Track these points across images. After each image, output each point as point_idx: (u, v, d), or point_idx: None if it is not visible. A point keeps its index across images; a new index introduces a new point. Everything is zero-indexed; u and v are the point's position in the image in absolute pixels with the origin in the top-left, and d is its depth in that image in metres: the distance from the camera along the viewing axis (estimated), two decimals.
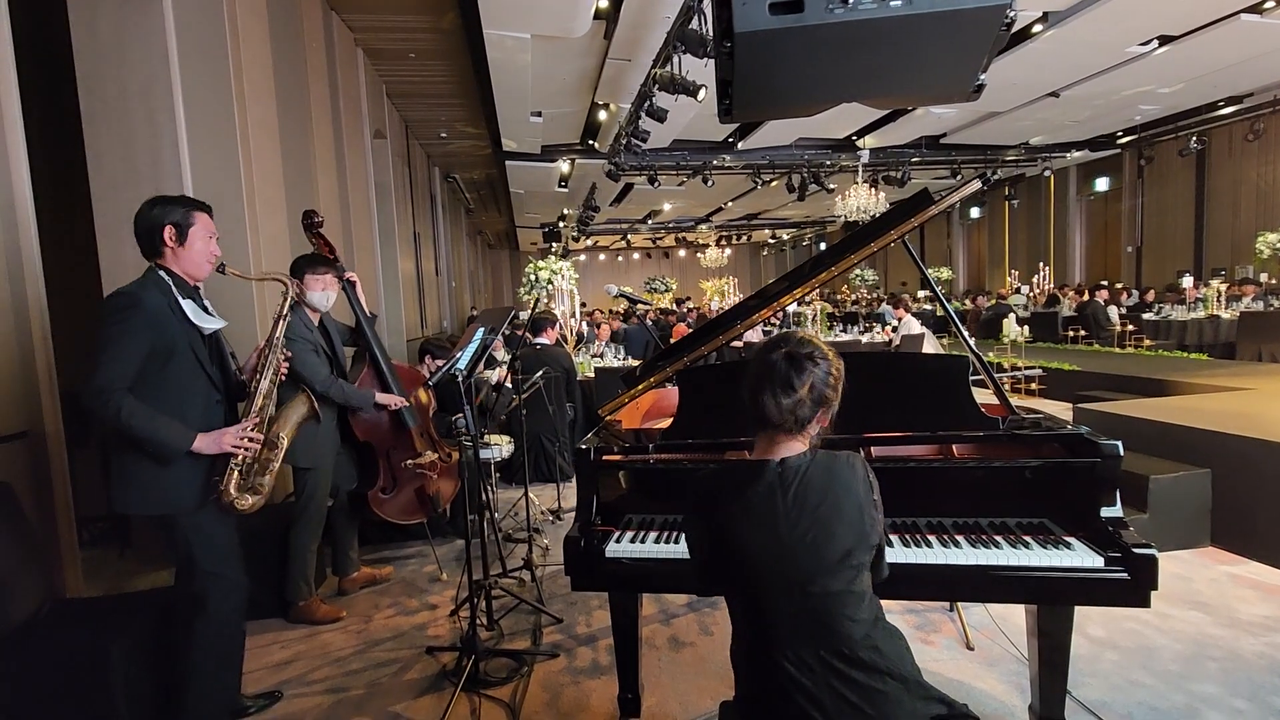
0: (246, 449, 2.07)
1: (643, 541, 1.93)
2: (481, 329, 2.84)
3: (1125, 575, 1.65)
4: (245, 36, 4.17)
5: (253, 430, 2.08)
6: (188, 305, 2.03)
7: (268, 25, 4.56)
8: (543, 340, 5.42)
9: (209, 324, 2.08)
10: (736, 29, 2.08)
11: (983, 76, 2.29)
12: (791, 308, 11.22)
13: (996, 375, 2.14)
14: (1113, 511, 1.77)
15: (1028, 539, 1.77)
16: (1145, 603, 1.66)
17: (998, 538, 1.79)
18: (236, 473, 2.07)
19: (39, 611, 2.25)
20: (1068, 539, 1.76)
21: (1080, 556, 1.68)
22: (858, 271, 20.59)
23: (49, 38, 3.69)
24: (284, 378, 2.24)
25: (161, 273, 2.02)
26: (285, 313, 2.23)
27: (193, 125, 3.46)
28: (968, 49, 2.20)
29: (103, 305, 1.94)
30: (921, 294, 17.15)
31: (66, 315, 3.44)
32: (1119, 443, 1.77)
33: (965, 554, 1.74)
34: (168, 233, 2.02)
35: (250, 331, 3.74)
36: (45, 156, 3.15)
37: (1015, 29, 7.47)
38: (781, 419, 1.31)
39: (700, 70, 6.13)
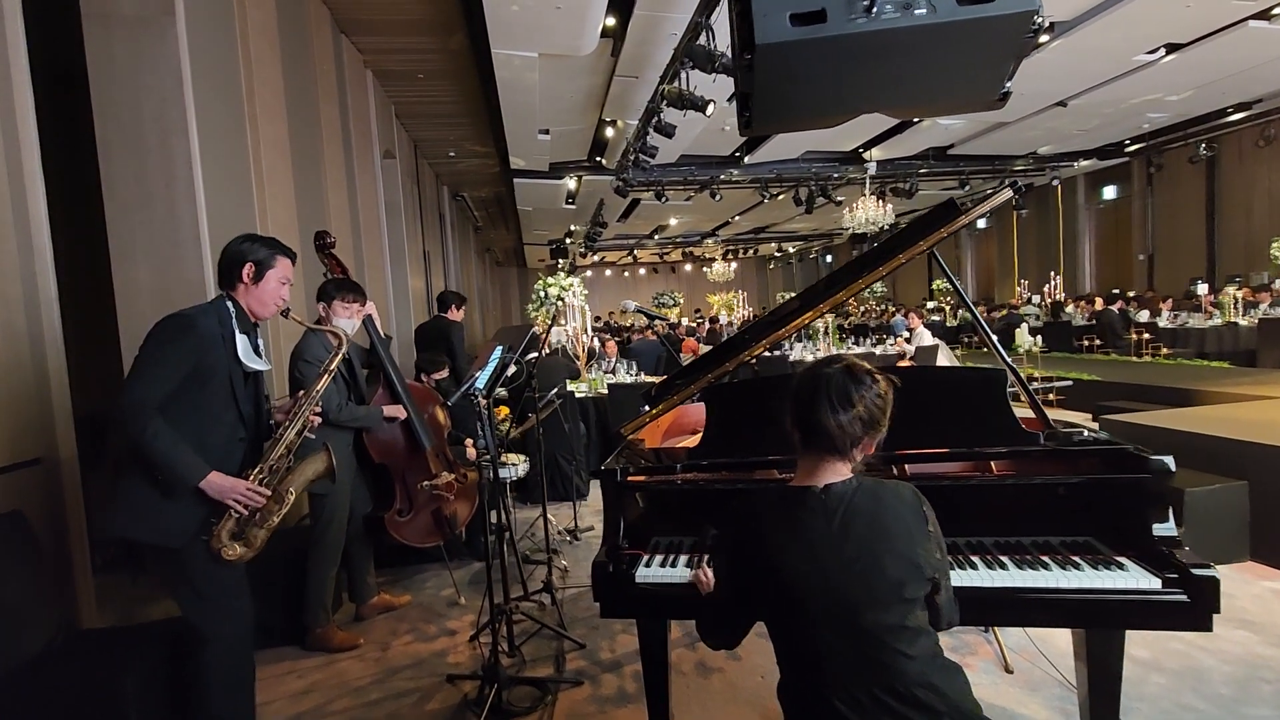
0: (247, 507, 1.98)
1: (673, 565, 1.86)
2: (500, 347, 2.80)
3: (1184, 597, 1.58)
4: (257, 59, 4.19)
5: (259, 488, 1.99)
6: (241, 341, 2.02)
7: (279, 48, 4.59)
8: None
9: (254, 364, 2.07)
10: (758, 41, 2.04)
11: (1008, 84, 2.25)
12: None
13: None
14: (1165, 529, 1.70)
15: (1077, 559, 1.70)
16: (1207, 626, 1.58)
17: (1045, 558, 1.72)
18: (233, 520, 1.98)
19: (53, 643, 2.19)
20: (1119, 559, 1.69)
21: (1135, 578, 1.61)
22: None
23: (65, 63, 3.71)
24: (311, 435, 2.17)
25: (228, 303, 2.04)
26: (333, 367, 2.22)
27: (206, 148, 3.45)
28: (993, 57, 2.16)
29: (158, 322, 1.93)
30: (930, 305, 17.06)
31: (80, 340, 3.42)
32: (1169, 458, 1.70)
33: (1012, 576, 1.67)
34: (246, 269, 2.04)
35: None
36: (60, 181, 3.13)
37: None
38: (838, 435, 1.25)
39: (708, 85, 6.14)
